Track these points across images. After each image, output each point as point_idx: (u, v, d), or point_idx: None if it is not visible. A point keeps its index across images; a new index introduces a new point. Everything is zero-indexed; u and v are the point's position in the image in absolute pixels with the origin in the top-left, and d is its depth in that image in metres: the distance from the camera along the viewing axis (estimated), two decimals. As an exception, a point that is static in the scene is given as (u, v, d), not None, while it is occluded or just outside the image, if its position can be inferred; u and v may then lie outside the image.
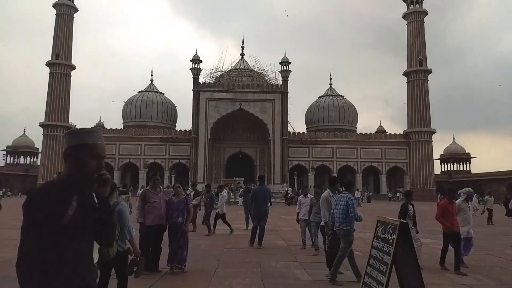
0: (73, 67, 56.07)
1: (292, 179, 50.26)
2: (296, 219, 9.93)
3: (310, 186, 37.76)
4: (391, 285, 3.68)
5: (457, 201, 7.44)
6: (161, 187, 6.85)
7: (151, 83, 65.15)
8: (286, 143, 53.52)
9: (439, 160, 69.41)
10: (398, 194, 51.22)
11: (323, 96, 65.75)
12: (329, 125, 61.26)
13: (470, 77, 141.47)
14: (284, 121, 53.45)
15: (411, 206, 7.43)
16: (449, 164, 70.18)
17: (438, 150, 70.48)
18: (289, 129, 55.55)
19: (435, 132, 56.22)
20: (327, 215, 6.54)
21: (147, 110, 60.55)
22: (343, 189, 6.24)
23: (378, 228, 4.16)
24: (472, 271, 6.91)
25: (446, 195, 7.68)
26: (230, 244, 9.75)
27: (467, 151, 70.19)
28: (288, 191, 39.25)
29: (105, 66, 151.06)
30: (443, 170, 70.30)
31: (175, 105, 64.96)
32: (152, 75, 66.29)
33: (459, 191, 7.84)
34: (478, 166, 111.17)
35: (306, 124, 65.93)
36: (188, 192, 12.39)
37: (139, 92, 63.65)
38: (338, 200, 5.91)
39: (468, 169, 69.66)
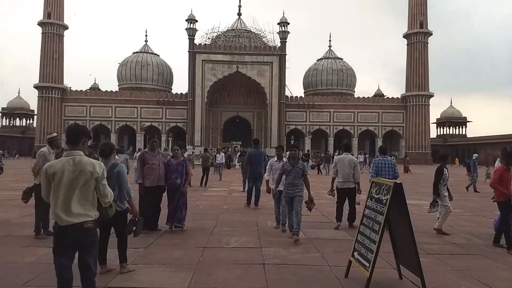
0: (66, 27, 54.42)
1: (289, 143, 50.48)
2: (265, 189, 7.86)
3: (308, 151, 37.59)
4: (383, 243, 3.80)
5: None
6: (159, 149, 6.88)
7: (146, 44, 63.64)
8: (283, 107, 53.24)
9: (435, 124, 69.63)
10: (392, 158, 51.78)
11: (321, 59, 64.67)
12: (327, 89, 60.73)
13: (470, 39, 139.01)
14: (282, 85, 52.84)
15: (446, 170, 6.95)
16: (445, 128, 70.49)
17: (435, 113, 70.64)
18: (287, 93, 55.04)
19: (433, 96, 55.95)
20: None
21: (142, 72, 59.58)
22: (379, 153, 8.02)
23: (372, 189, 4.23)
24: (465, 231, 7.12)
25: (503, 160, 6.41)
26: (228, 205, 9.96)
27: (463, 115, 70.30)
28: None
29: (99, 26, 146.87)
30: (438, 134, 70.72)
31: (171, 67, 63.85)
32: (146, 36, 64.68)
33: None
34: (474, 130, 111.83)
35: (304, 88, 65.31)
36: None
37: (134, 53, 62.30)
38: (383, 163, 7.43)
39: (464, 133, 70.08)
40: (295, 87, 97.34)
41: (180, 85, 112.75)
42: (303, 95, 60.57)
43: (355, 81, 64.35)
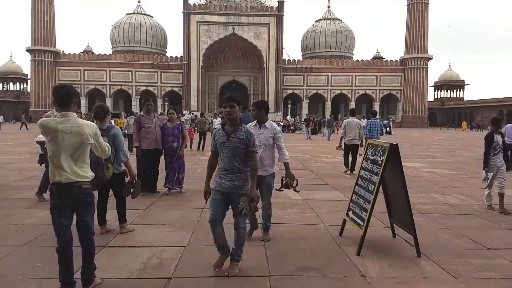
0: (55, -13, 52.39)
1: (286, 107, 50.23)
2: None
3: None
4: (377, 204, 3.87)
5: None
6: (154, 113, 6.83)
7: (139, 5, 61.66)
8: (280, 71, 52.50)
9: (433, 87, 69.27)
10: (385, 122, 51.84)
11: (320, 20, 63.07)
12: (325, 52, 59.68)
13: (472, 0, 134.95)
14: (279, 48, 51.81)
15: (499, 137, 5.83)
16: (443, 91, 70.13)
17: (433, 76, 70.04)
18: (284, 56, 54.08)
19: (432, 59, 55.23)
20: None
21: (136, 34, 58.12)
22: (371, 116, 10.05)
23: (368, 151, 4.25)
24: (458, 192, 7.26)
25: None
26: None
27: (461, 78, 69.77)
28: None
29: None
30: (436, 97, 70.48)
31: (165, 29, 62.20)
32: (139, -5, 62.44)
33: None
34: (471, 93, 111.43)
35: (302, 50, 64.10)
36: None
37: (127, 14, 60.46)
38: (373, 124, 9.71)
39: (461, 96, 69.85)
40: (293, 50, 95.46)
41: (175, 48, 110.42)
42: (300, 58, 59.60)
43: (354, 44, 63.17)
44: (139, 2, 61.77)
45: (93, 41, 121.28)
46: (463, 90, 70.03)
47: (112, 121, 20.68)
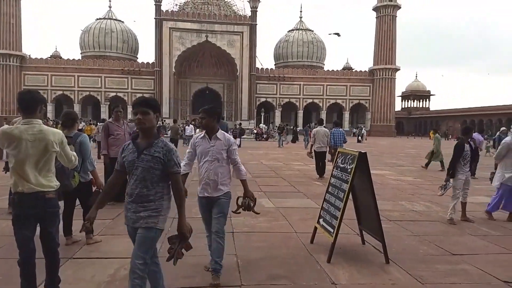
0: (21, -11, 50.63)
1: (259, 115, 50.50)
2: None
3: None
4: (347, 210, 3.94)
5: (507, 138, 6.09)
6: (124, 120, 6.70)
7: (110, 10, 60.53)
8: (254, 79, 52.85)
9: (400, 97, 71.79)
10: (354, 130, 53.52)
11: (292, 30, 64.12)
12: (297, 61, 60.64)
13: (437, 12, 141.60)
14: (253, 56, 52.20)
15: (468, 146, 5.79)
16: (410, 101, 72.81)
17: (400, 87, 72.56)
18: (257, 64, 54.51)
19: (399, 70, 57.25)
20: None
21: (106, 40, 56.90)
22: (334, 126, 10.76)
23: (338, 159, 4.33)
24: (424, 199, 7.51)
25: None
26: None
27: (427, 89, 72.70)
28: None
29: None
30: (403, 107, 73.04)
31: (136, 35, 61.33)
32: (110, 1, 61.36)
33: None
34: (436, 103, 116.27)
35: (275, 59, 64.87)
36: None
37: (97, 19, 59.17)
38: (337, 133, 10.43)
39: (427, 106, 72.70)
40: (266, 59, 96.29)
41: (146, 54, 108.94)
42: (273, 67, 60.26)
43: (325, 54, 64.58)
44: (110, 7, 60.70)
45: (62, 45, 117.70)
46: (429, 100, 72.98)
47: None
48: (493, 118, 53.43)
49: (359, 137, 36.51)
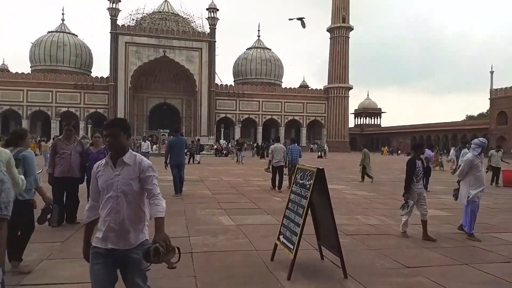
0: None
1: (219, 131, 50.38)
2: None
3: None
4: (306, 226, 3.97)
5: (468, 155, 5.95)
6: (76, 137, 6.40)
7: (63, 23, 58.41)
8: (213, 95, 52.87)
9: (353, 114, 74.93)
10: (312, 146, 55.34)
11: (251, 48, 65.23)
12: (256, 78, 61.59)
13: (386, 36, 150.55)
14: (212, 72, 52.34)
15: (420, 162, 5.78)
16: (362, 118, 76.18)
17: (353, 105, 75.81)
18: (217, 80, 54.70)
19: (352, 88, 59.87)
20: None
21: (58, 53, 54.71)
22: (290, 142, 11.50)
23: (297, 175, 4.39)
24: (379, 213, 7.76)
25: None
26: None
27: (379, 106, 76.45)
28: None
29: (8, 1, 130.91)
30: (356, 123, 76.20)
31: (90, 48, 59.52)
32: (63, 14, 59.36)
33: (472, 142, 6.10)
34: (387, 120, 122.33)
35: (234, 76, 65.47)
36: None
37: (49, 32, 56.86)
38: (293, 149, 11.15)
39: (378, 123, 76.33)
40: (225, 75, 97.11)
41: (101, 69, 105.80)
42: (233, 84, 60.74)
43: (282, 72, 66.17)
44: (63, 20, 58.64)
45: (10, 58, 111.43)
46: (380, 117, 76.68)
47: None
48: (439, 134, 56.93)
49: (320, 153, 37.45)
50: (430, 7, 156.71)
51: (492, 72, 47.71)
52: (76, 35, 58.33)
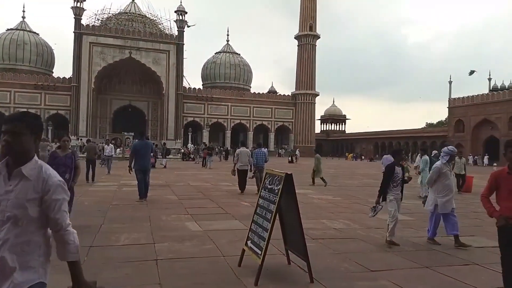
0: None
1: (186, 135, 49.74)
2: None
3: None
4: (274, 230, 3.97)
5: (437, 163, 5.92)
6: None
7: (23, 21, 55.90)
8: (181, 98, 52.22)
9: (319, 121, 76.57)
10: (280, 151, 56.01)
11: (220, 52, 65.11)
12: (225, 83, 61.50)
13: (351, 44, 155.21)
14: (180, 75, 51.73)
15: (400, 169, 5.74)
16: (328, 124, 78.07)
17: (319, 111, 77.44)
18: (185, 84, 54.12)
19: (318, 95, 61.18)
20: None
21: (18, 52, 52.23)
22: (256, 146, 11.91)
23: (266, 180, 4.39)
24: (344, 217, 7.91)
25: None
26: (118, 200, 9.36)
27: (343, 113, 78.54)
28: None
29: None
30: (322, 129, 77.95)
31: (53, 48, 57.23)
32: (24, 11, 56.78)
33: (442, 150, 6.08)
34: (351, 126, 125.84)
35: (202, 80, 65.05)
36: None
37: (8, 30, 54.20)
38: (259, 153, 11.54)
39: (343, 129, 78.40)
40: (193, 79, 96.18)
41: (63, 69, 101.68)
42: (201, 87, 60.29)
43: (251, 77, 66.50)
44: (23, 18, 56.07)
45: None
46: (345, 124, 78.77)
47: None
48: (401, 140, 59.12)
49: (291, 158, 37.95)
50: (392, 18, 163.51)
51: (450, 82, 50.26)
52: (38, 34, 55.95)
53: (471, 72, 49.43)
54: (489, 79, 51.87)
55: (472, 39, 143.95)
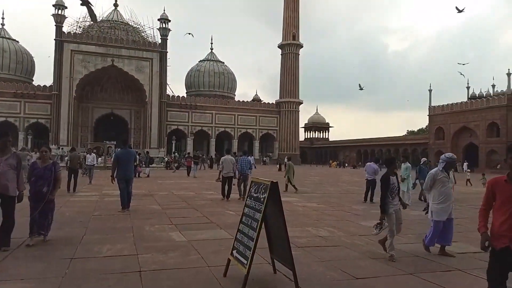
0: None
1: (170, 143, 49.32)
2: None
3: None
4: (259, 239, 3.95)
5: (433, 170, 5.81)
6: (14, 150, 5.89)
7: (2, 28, 54.83)
8: (164, 106, 51.87)
9: (303, 128, 77.25)
10: (265, 159, 56.19)
11: (204, 60, 65.16)
12: (209, 91, 61.48)
13: (333, 54, 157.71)
14: (163, 83, 51.43)
15: (395, 178, 5.54)
16: (311, 132, 78.83)
17: (303, 119, 78.11)
18: (168, 92, 53.84)
19: (302, 103, 61.77)
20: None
21: (-4, 59, 51.04)
22: (242, 154, 12.20)
23: (251, 188, 4.37)
24: (328, 225, 7.94)
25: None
26: (100, 210, 9.17)
27: (327, 121, 79.46)
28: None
29: None
30: (306, 137, 78.59)
31: (32, 55, 56.18)
32: (3, 18, 55.67)
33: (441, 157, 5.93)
34: (334, 134, 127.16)
35: (186, 88, 64.88)
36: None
37: (-15, 36, 52.96)
38: (244, 161, 11.80)
39: (327, 136, 79.23)
40: (177, 87, 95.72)
41: (44, 77, 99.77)
42: (185, 95, 60.07)
43: (235, 85, 66.70)
44: (3, 25, 54.93)
45: None
46: (328, 132, 79.62)
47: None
48: (383, 148, 60.03)
49: (280, 166, 38.01)
50: (371, 27, 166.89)
51: (430, 91, 51.47)
52: (17, 41, 54.87)
53: (361, 87, 57.52)
54: (468, 88, 53.30)
55: (451, 47, 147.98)
